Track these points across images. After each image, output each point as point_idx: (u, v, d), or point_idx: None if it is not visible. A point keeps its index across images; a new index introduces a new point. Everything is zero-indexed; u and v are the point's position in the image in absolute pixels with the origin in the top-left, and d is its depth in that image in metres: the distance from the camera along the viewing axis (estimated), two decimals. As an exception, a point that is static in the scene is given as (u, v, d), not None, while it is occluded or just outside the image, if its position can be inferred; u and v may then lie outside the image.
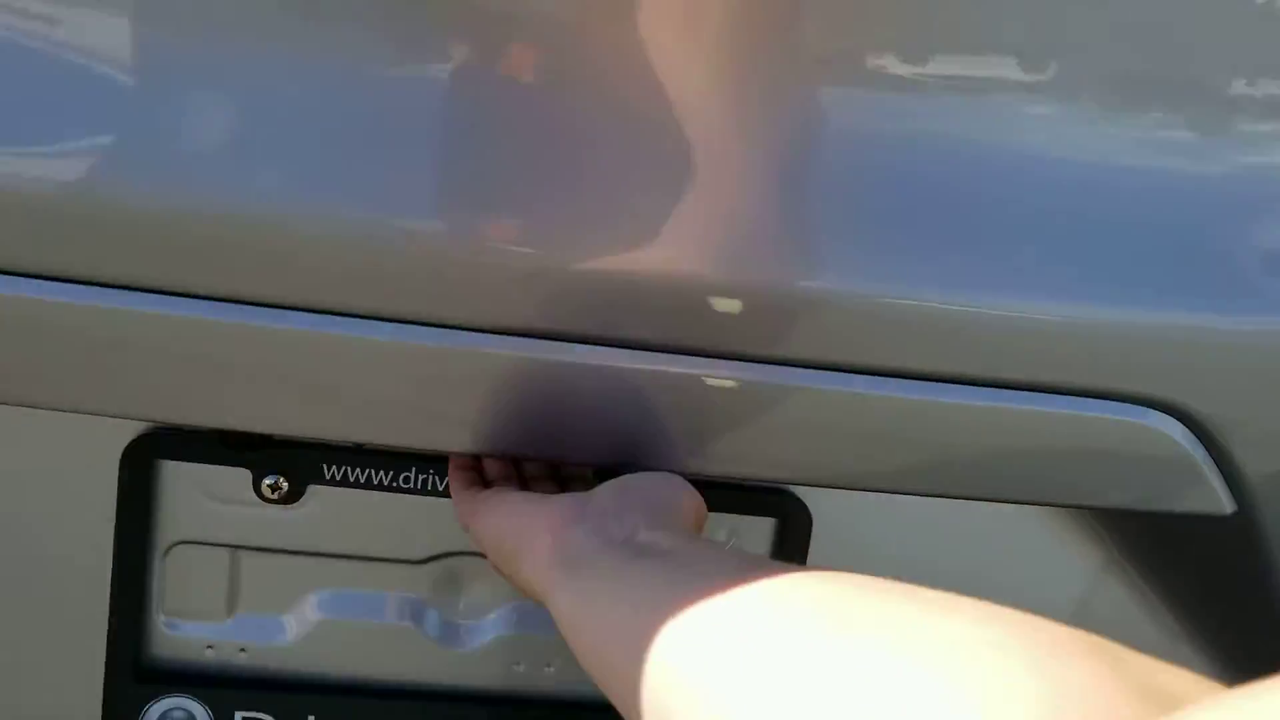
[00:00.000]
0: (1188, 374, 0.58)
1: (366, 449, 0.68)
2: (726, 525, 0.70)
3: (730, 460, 0.60)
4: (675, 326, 0.57)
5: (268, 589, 0.71)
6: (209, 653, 0.72)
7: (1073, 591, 0.70)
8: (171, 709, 0.71)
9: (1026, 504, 0.63)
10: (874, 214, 0.57)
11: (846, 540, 0.68)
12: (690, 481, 0.57)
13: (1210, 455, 0.59)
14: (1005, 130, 0.58)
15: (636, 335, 0.57)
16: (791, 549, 0.68)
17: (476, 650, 0.74)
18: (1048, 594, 0.66)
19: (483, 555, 0.60)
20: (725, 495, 0.66)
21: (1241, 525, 0.60)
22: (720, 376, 0.57)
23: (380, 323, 0.55)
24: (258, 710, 0.72)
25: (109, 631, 0.68)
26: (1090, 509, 0.64)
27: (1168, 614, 0.69)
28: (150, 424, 0.65)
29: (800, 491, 0.68)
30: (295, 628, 0.72)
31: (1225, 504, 0.59)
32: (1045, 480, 0.61)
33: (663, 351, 0.57)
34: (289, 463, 0.68)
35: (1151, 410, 0.58)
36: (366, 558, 0.71)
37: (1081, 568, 0.69)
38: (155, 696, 0.70)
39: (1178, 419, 0.58)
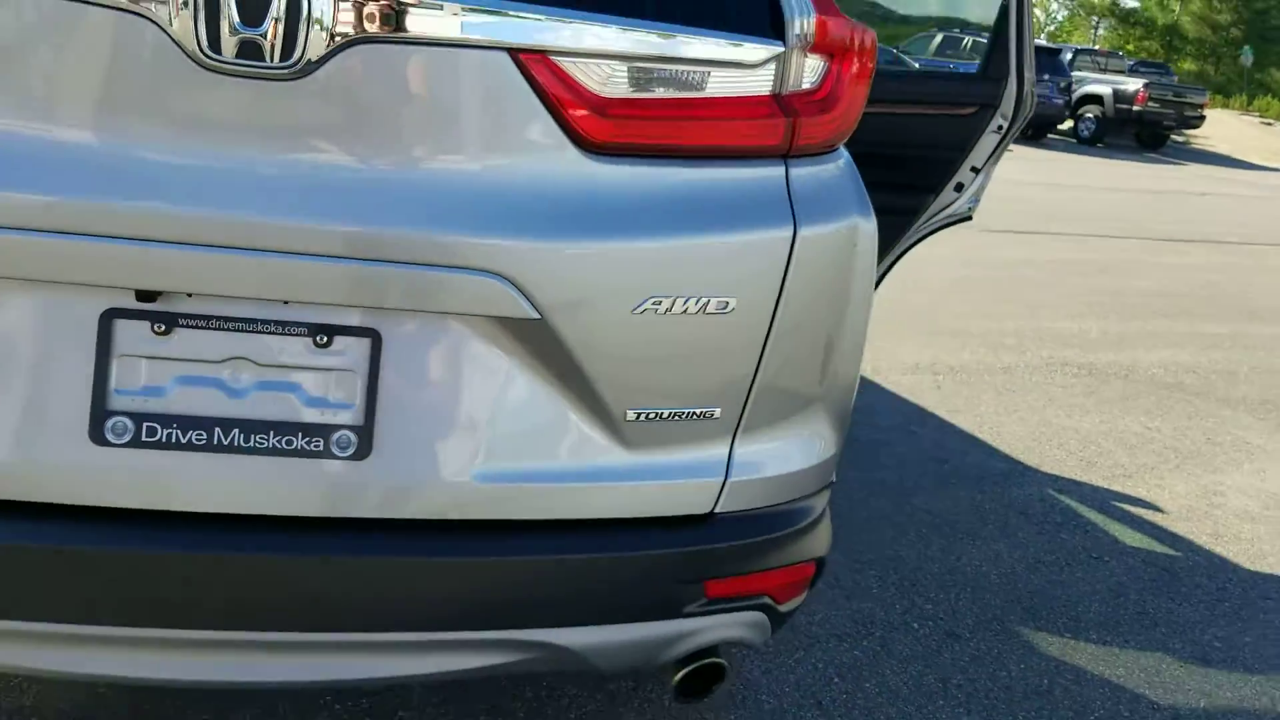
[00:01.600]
0: (506, 261, 1.40)
1: None
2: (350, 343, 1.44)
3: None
4: None
5: None
6: None
7: (513, 383, 1.48)
8: None
9: (467, 315, 1.43)
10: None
11: (408, 359, 1.45)
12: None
13: (523, 294, 1.41)
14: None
15: None
16: (376, 357, 1.43)
17: None
18: (507, 389, 1.47)
19: None
20: (341, 329, 1.42)
21: (545, 325, 1.43)
22: None
23: None
24: None
25: None
26: (500, 321, 1.43)
27: (564, 388, 1.50)
28: None
29: (372, 325, 1.43)
30: None
31: (533, 313, 1.42)
32: (471, 309, 1.42)
33: None
34: None
35: (497, 277, 1.40)
36: None
37: (514, 365, 1.47)
38: None
39: (506, 280, 1.40)
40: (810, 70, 1.53)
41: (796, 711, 2.31)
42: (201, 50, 1.28)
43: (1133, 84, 21.53)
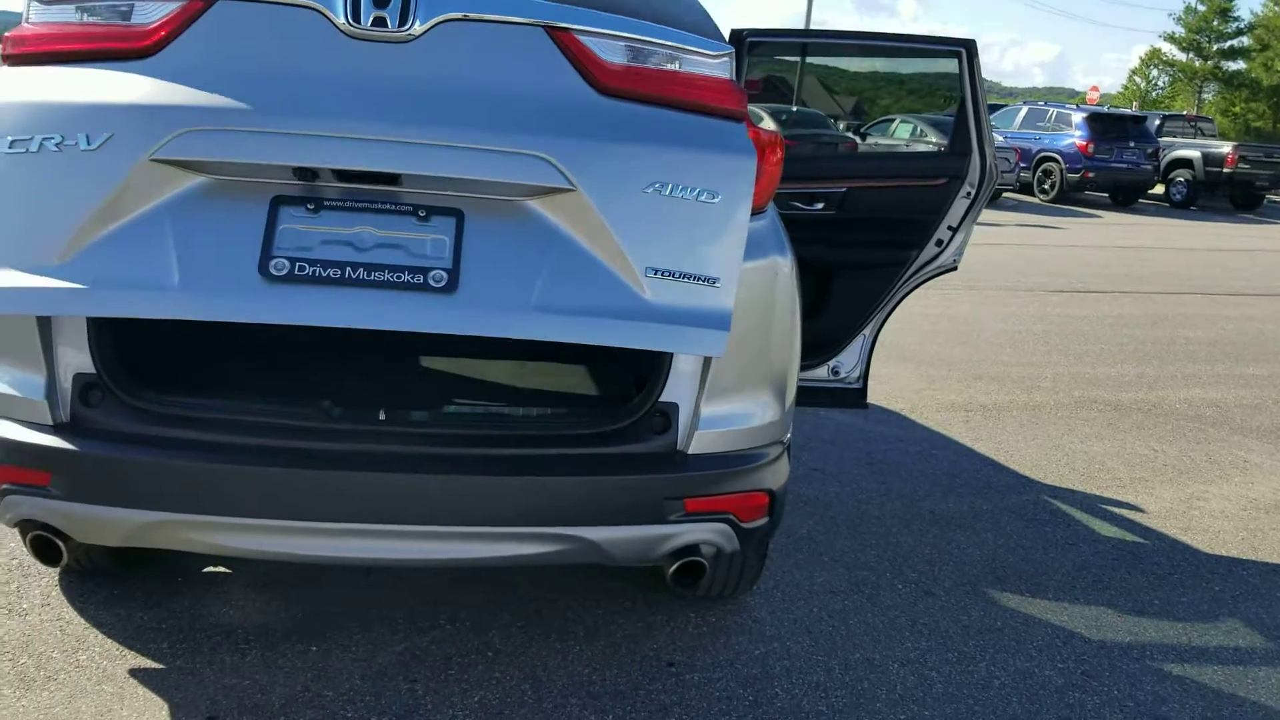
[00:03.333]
0: (547, 147, 2.16)
1: None
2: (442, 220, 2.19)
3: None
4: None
5: None
6: None
7: (559, 241, 2.20)
8: None
9: (525, 188, 2.19)
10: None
11: (483, 227, 2.18)
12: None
13: (559, 171, 2.16)
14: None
15: None
16: (460, 226, 2.17)
17: None
18: (555, 246, 2.19)
19: None
20: (435, 209, 2.18)
21: (579, 196, 2.16)
22: None
23: None
24: None
25: None
26: (546, 195, 2.19)
27: (597, 245, 2.19)
28: None
29: (457, 206, 2.20)
30: None
31: (567, 184, 2.17)
32: (525, 179, 2.18)
33: None
34: None
35: (541, 159, 2.15)
36: None
37: (559, 227, 2.21)
38: None
39: (547, 161, 2.15)
40: None
41: (791, 637, 3.04)
42: (348, 22, 2.13)
43: (1223, 146, 21.76)
